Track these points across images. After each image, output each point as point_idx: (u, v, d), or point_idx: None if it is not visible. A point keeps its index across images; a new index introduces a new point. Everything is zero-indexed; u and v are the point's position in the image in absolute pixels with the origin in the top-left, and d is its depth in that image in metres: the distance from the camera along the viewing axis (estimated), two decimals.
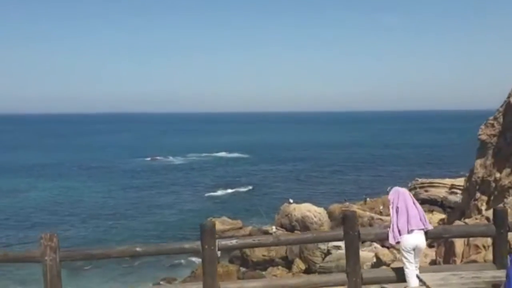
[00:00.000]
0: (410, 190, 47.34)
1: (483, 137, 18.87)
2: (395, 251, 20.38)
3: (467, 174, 22.95)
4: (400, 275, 6.10)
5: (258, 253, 29.27)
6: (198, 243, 5.49)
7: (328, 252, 27.66)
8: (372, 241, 16.68)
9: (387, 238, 6.24)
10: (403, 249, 6.11)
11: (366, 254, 26.60)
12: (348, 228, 5.80)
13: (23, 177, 61.67)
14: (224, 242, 5.53)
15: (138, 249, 5.46)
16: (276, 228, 33.29)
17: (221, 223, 34.11)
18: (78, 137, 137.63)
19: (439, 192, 42.36)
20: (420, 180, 44.61)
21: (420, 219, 6.19)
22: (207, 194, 50.76)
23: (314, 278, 6.12)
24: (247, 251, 29.46)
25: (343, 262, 23.63)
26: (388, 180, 57.15)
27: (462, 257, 9.74)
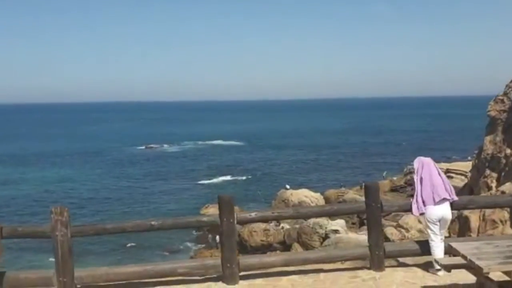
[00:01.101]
0: (405, 175, 47.55)
1: (493, 113, 18.64)
2: (403, 230, 20.52)
3: (469, 157, 22.89)
4: (424, 248, 5.98)
5: (257, 238, 29.37)
6: (216, 216, 5.40)
7: (326, 236, 27.74)
8: (395, 212, 16.69)
9: (410, 209, 6.11)
10: (428, 221, 5.95)
11: (363, 237, 26.78)
12: (370, 199, 5.64)
13: (17, 166, 61.30)
14: (243, 215, 5.44)
15: (153, 222, 5.30)
16: None
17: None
18: (71, 126, 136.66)
19: None
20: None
21: (446, 189, 6.02)
22: (203, 182, 50.68)
23: (335, 251, 6.05)
24: (245, 236, 29.55)
25: (341, 245, 23.65)
26: (383, 166, 57.51)
27: (478, 232, 9.75)
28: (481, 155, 19.57)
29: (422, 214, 6.00)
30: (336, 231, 27.71)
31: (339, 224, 28.99)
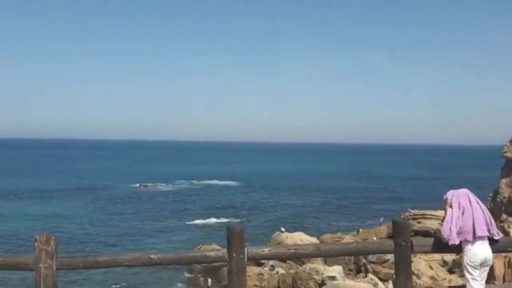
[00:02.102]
0: None
1: (509, 154, 18.13)
2: (413, 276, 19.54)
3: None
4: None
5: (250, 283, 28.31)
6: (224, 250, 4.79)
7: (322, 283, 26.91)
8: (426, 252, 15.02)
9: (442, 249, 5.32)
10: (467, 264, 5.20)
11: (362, 285, 25.89)
12: (399, 238, 5.02)
13: (5, 201, 60.12)
14: (255, 251, 4.82)
15: (152, 256, 4.67)
16: None
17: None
18: (65, 163, 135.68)
19: (432, 224, 41.97)
20: (413, 211, 44.31)
21: (486, 223, 5.17)
22: (197, 222, 49.77)
23: None
24: None
25: None
26: (378, 212, 56.91)
27: (504, 279, 9.12)
28: (496, 199, 18.98)
29: (453, 246, 5.18)
30: (333, 278, 26.88)
31: (336, 270, 28.19)
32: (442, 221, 5.45)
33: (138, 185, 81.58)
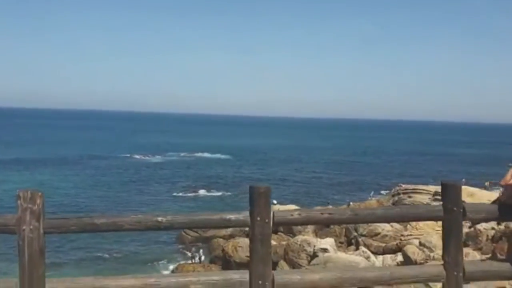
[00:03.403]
0: (393, 196, 46.57)
1: None
2: (425, 249, 18.98)
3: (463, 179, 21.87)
4: None
5: (241, 254, 28.10)
6: (246, 213, 3.99)
7: (314, 255, 26.70)
8: (482, 220, 13.22)
9: (501, 217, 4.66)
10: None
11: (353, 258, 25.69)
12: (450, 202, 4.25)
13: None
14: (282, 214, 3.97)
15: (160, 218, 3.89)
16: None
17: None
18: (50, 132, 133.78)
19: (423, 199, 41.97)
20: (403, 186, 44.24)
21: None
22: (187, 194, 49.31)
23: (402, 270, 4.49)
24: (230, 251, 28.29)
25: (329, 265, 21.87)
26: (369, 186, 56.97)
27: None
28: None
29: None
30: (325, 250, 26.64)
31: (328, 242, 27.95)
32: (503, 184, 4.63)
33: (127, 155, 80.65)
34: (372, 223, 21.46)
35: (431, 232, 27.62)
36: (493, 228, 21.65)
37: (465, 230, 26.45)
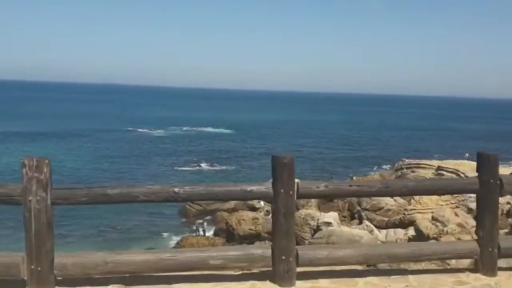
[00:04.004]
0: (396, 170, 46.58)
1: None
2: (438, 224, 18.79)
3: (467, 154, 21.51)
4: None
5: (245, 227, 28.25)
6: (268, 185, 3.82)
7: (318, 228, 26.77)
8: None
9: None
10: None
11: (357, 231, 25.73)
12: (486, 174, 4.01)
13: None
14: (308, 186, 3.72)
15: (177, 189, 3.59)
16: (264, 203, 32.17)
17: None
18: (50, 105, 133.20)
19: (426, 173, 41.83)
20: (407, 160, 44.10)
21: None
22: (189, 168, 49.25)
23: (434, 246, 4.21)
24: (234, 224, 28.35)
25: (333, 239, 21.73)
26: (372, 160, 56.87)
27: None
28: None
29: None
30: (328, 224, 26.69)
31: (331, 216, 28.00)
32: None
33: (130, 129, 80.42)
34: (403, 196, 21.03)
35: (434, 207, 27.58)
36: (508, 203, 21.50)
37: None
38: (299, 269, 3.50)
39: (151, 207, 30.43)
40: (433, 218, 19.33)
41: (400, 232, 26.57)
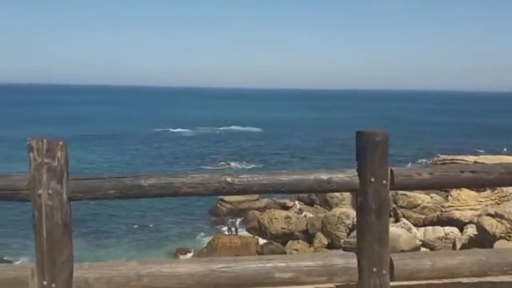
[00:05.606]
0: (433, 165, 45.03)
1: None
2: (504, 221, 17.08)
3: (505, 148, 19.97)
4: None
5: (277, 226, 27.50)
6: (353, 172, 2.79)
7: (353, 227, 25.83)
8: None
9: None
10: None
11: (395, 229, 24.61)
12: None
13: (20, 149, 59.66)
14: (405, 172, 2.52)
15: (229, 179, 2.73)
16: (298, 203, 31.34)
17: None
18: (76, 108, 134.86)
19: None
20: (442, 156, 42.58)
21: None
22: (218, 167, 48.80)
23: (495, 256, 3.04)
24: (266, 222, 27.63)
25: None
26: (405, 158, 55.22)
27: None
28: None
29: None
30: None
31: None
32: None
33: (159, 129, 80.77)
34: None
35: (473, 203, 26.13)
36: None
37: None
38: (392, 283, 2.54)
39: (180, 205, 29.92)
40: (497, 215, 17.16)
41: (439, 230, 25.39)
